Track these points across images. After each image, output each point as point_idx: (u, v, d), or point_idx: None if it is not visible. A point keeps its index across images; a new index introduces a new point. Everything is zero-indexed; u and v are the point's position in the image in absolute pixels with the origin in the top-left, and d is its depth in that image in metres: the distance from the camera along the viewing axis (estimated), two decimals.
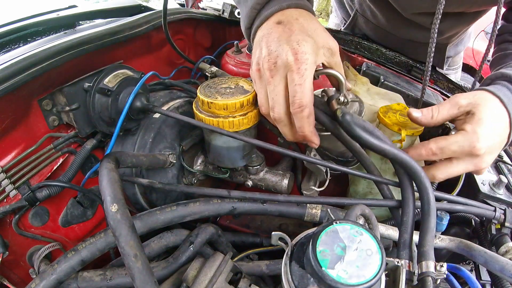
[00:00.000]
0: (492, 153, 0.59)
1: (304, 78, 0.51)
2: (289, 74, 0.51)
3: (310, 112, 0.53)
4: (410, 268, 0.48)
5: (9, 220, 0.62)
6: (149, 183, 0.66)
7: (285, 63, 0.51)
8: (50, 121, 0.68)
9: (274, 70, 0.52)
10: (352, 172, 0.62)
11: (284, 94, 0.53)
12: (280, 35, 0.52)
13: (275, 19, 0.55)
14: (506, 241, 0.65)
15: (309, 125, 0.54)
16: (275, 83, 0.53)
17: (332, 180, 1.05)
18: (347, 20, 1.26)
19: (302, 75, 0.50)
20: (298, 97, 0.51)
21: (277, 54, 0.51)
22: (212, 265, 0.59)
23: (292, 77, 0.51)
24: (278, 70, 0.52)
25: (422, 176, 0.55)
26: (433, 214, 0.53)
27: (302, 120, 0.53)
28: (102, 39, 0.71)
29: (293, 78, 0.51)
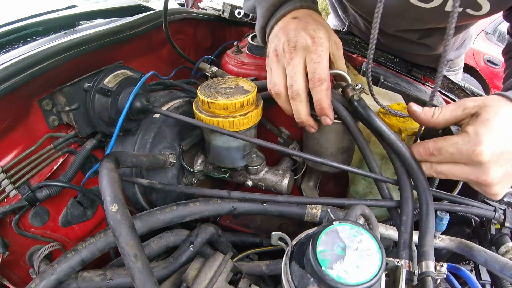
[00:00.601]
0: (503, 164, 0.50)
1: (322, 58, 0.57)
2: (308, 55, 0.57)
3: (328, 86, 0.58)
4: (410, 268, 0.48)
5: (9, 220, 0.62)
6: (149, 184, 0.66)
7: (304, 46, 0.57)
8: (50, 121, 0.68)
9: (294, 53, 0.58)
10: (351, 170, 0.62)
11: (303, 72, 0.58)
12: (297, 26, 0.59)
13: (291, 16, 0.63)
14: (506, 241, 0.65)
15: (327, 98, 0.58)
16: (294, 64, 0.58)
17: (332, 180, 1.06)
18: (343, 27, 1.27)
19: (320, 55, 0.57)
20: (318, 72, 0.57)
21: (296, 39, 0.58)
22: (212, 265, 0.59)
23: (311, 57, 0.57)
24: (298, 52, 0.58)
25: (421, 176, 0.55)
26: (432, 214, 0.53)
27: (321, 93, 0.58)
28: (102, 39, 0.71)
29: (312, 58, 0.57)
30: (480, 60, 3.70)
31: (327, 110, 0.59)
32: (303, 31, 0.58)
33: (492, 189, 0.52)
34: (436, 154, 0.53)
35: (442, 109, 0.55)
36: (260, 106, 0.68)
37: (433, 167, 0.55)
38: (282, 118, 0.88)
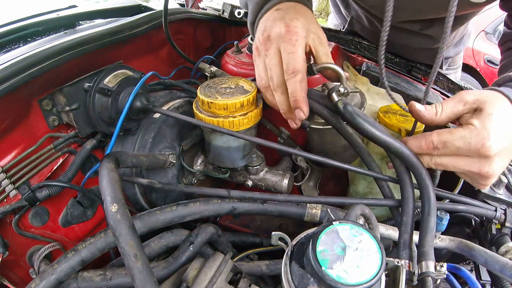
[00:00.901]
0: (502, 159, 0.52)
1: (296, 48, 0.55)
2: (282, 45, 0.56)
3: (303, 78, 0.55)
4: (410, 268, 0.48)
5: (9, 220, 0.62)
6: (149, 183, 0.66)
7: (278, 35, 0.56)
8: (50, 121, 0.68)
9: (269, 43, 0.57)
10: (351, 169, 0.62)
11: (280, 63, 0.57)
12: (276, 16, 0.59)
13: (275, 8, 0.62)
14: (506, 241, 0.65)
15: (301, 90, 0.56)
16: (270, 55, 0.57)
17: (332, 180, 1.06)
18: (344, 25, 1.26)
19: (294, 45, 0.55)
20: (291, 63, 0.55)
21: (271, 29, 0.57)
22: (212, 265, 0.59)
23: (284, 47, 0.55)
24: (272, 42, 0.57)
25: (424, 173, 0.55)
26: (434, 214, 0.53)
27: (295, 85, 0.55)
28: (102, 39, 0.71)
29: (285, 48, 0.55)
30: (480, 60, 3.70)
31: (300, 103, 0.57)
32: (279, 21, 0.57)
33: (488, 181, 0.53)
34: (440, 148, 0.53)
35: (443, 106, 0.55)
36: (260, 106, 0.68)
37: (433, 160, 0.55)
38: (282, 118, 0.88)
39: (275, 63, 0.57)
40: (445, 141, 0.52)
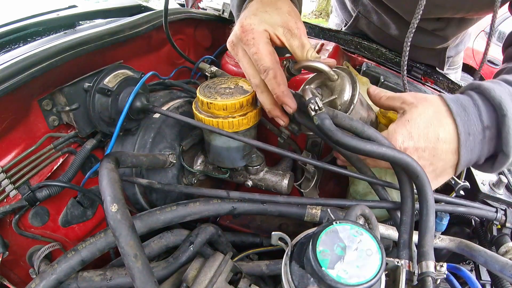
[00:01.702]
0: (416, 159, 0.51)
1: (256, 46, 0.53)
2: (244, 48, 0.55)
3: (275, 73, 0.53)
4: (410, 268, 0.48)
5: (9, 220, 0.62)
6: (149, 183, 0.66)
7: (237, 38, 0.55)
8: (50, 121, 0.68)
9: (235, 48, 0.57)
10: (349, 174, 0.62)
11: (250, 64, 0.56)
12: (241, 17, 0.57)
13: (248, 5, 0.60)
14: (506, 241, 0.65)
15: (278, 85, 0.54)
16: (240, 59, 0.57)
17: (332, 180, 1.06)
18: (348, 21, 1.26)
19: (253, 44, 0.53)
20: (260, 63, 0.53)
21: (232, 33, 0.57)
22: (212, 265, 0.59)
23: (247, 49, 0.54)
24: (236, 46, 0.57)
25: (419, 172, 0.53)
26: (432, 213, 0.53)
27: (271, 82, 0.54)
28: (102, 39, 0.71)
29: (248, 51, 0.54)
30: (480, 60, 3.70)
31: (283, 98, 0.55)
32: (238, 23, 0.55)
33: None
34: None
35: (388, 95, 0.58)
36: (260, 106, 0.68)
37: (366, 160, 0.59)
38: None
39: (247, 66, 0.57)
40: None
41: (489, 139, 0.51)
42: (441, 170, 0.55)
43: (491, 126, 0.50)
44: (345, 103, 0.59)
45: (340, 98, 0.59)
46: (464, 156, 0.52)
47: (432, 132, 0.52)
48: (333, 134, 0.51)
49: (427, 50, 1.07)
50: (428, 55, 1.07)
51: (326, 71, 0.57)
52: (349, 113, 0.58)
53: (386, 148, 0.51)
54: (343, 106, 0.59)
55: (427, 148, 0.52)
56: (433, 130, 0.52)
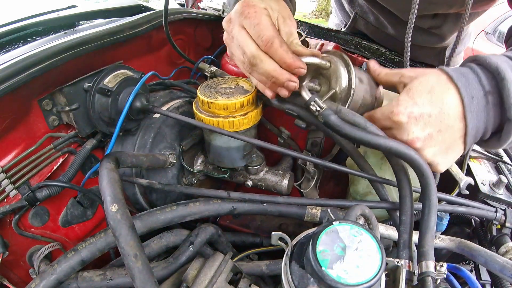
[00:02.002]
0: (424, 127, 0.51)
1: (259, 18, 0.53)
2: (244, 22, 0.54)
3: (281, 41, 0.53)
4: (410, 268, 0.48)
5: (9, 220, 0.62)
6: (149, 184, 0.66)
7: (237, 13, 0.55)
8: (50, 121, 0.68)
9: (231, 24, 0.56)
10: (350, 172, 0.62)
11: (248, 36, 0.55)
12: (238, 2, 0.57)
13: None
14: (506, 241, 0.65)
15: (286, 53, 0.53)
16: (236, 34, 0.56)
17: (332, 180, 1.06)
18: (347, 22, 1.26)
19: (253, 17, 0.53)
20: (262, 34, 0.53)
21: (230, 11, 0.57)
22: (212, 265, 0.59)
23: (247, 22, 0.54)
24: (234, 21, 0.56)
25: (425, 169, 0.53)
26: (434, 213, 0.52)
27: (278, 52, 0.53)
28: (102, 39, 0.71)
29: (249, 23, 0.54)
30: None
31: (295, 62, 0.53)
32: (237, 4, 0.56)
33: (423, 154, 0.52)
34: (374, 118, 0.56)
35: (387, 71, 0.58)
36: (260, 106, 0.68)
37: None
38: (282, 118, 0.88)
39: (243, 37, 0.55)
40: (370, 115, 0.56)
41: (493, 105, 0.50)
42: (450, 141, 0.53)
43: (492, 92, 0.50)
44: (344, 90, 0.57)
45: (338, 86, 0.57)
46: (471, 122, 0.50)
47: (435, 97, 0.51)
48: (340, 128, 0.52)
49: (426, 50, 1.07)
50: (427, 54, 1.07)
51: (317, 63, 0.57)
52: (352, 97, 0.57)
53: (394, 143, 0.51)
54: (343, 92, 0.57)
55: (433, 113, 0.51)
56: (436, 96, 0.51)
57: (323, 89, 0.61)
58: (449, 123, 0.51)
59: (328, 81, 0.60)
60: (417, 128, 0.51)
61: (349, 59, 0.58)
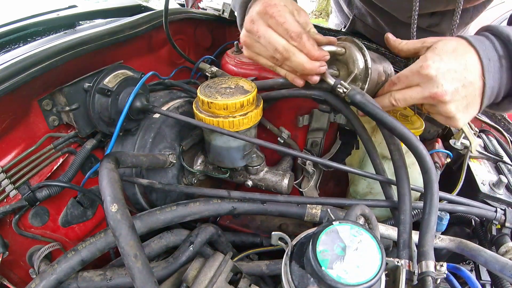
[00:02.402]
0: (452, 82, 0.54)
1: (284, 15, 0.57)
2: (269, 21, 0.58)
3: (308, 36, 0.57)
4: (410, 268, 0.48)
5: (9, 220, 0.62)
6: (149, 184, 0.66)
7: (259, 13, 0.58)
8: (50, 121, 0.68)
9: (255, 25, 0.59)
10: (350, 170, 0.62)
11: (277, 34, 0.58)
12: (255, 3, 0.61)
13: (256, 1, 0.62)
14: (506, 241, 0.65)
15: (313, 46, 0.58)
16: (263, 32, 0.58)
17: (332, 180, 1.06)
18: (346, 23, 1.26)
19: (279, 15, 0.57)
20: (290, 30, 0.56)
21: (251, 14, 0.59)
22: (212, 265, 0.59)
23: (273, 21, 0.57)
24: (257, 22, 0.58)
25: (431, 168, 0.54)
26: (435, 212, 0.52)
27: (306, 45, 0.57)
28: (102, 39, 0.71)
29: (275, 22, 0.57)
30: None
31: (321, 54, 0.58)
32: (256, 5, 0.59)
33: (448, 107, 0.55)
34: (396, 82, 0.60)
35: (408, 42, 0.63)
36: (260, 106, 0.68)
37: (393, 95, 0.60)
38: (282, 118, 0.88)
39: (272, 35, 0.58)
40: (398, 76, 0.60)
41: (506, 69, 0.55)
42: (471, 98, 0.56)
43: (505, 56, 0.55)
44: (363, 70, 0.63)
45: (357, 68, 0.63)
46: (488, 81, 0.55)
47: (459, 56, 0.55)
48: (366, 105, 0.58)
49: None
50: None
51: (333, 50, 0.62)
52: (370, 76, 0.62)
53: (407, 131, 0.55)
54: (362, 73, 0.63)
55: (458, 69, 0.54)
56: (459, 55, 0.55)
57: (342, 73, 0.66)
58: (471, 80, 0.55)
59: (345, 66, 0.65)
60: (445, 81, 0.54)
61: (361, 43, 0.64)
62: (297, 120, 0.87)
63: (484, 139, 0.96)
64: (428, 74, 0.55)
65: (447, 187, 0.73)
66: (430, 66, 0.54)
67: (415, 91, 0.58)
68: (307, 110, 0.86)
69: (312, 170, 0.90)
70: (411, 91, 0.58)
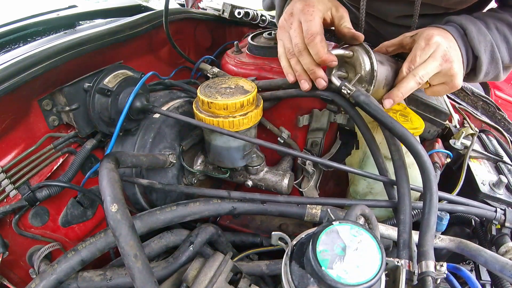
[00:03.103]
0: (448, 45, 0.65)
1: (313, 16, 0.63)
2: (301, 17, 0.65)
3: (322, 39, 0.62)
4: (410, 268, 0.48)
5: (9, 220, 0.62)
6: (149, 184, 0.66)
7: (298, 10, 0.66)
8: (50, 121, 0.68)
9: (292, 18, 0.67)
10: (350, 170, 0.62)
11: (302, 32, 0.65)
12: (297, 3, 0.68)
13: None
14: (506, 241, 0.65)
15: (323, 48, 0.62)
16: (294, 27, 0.66)
17: (332, 180, 1.06)
18: None
19: (310, 14, 0.64)
20: (309, 29, 0.63)
21: (292, 8, 0.67)
22: (212, 265, 0.59)
23: (303, 18, 0.64)
24: (294, 16, 0.66)
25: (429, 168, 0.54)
26: (434, 212, 0.52)
27: (316, 46, 0.62)
28: (102, 39, 0.71)
29: (304, 19, 0.64)
30: None
31: (328, 56, 0.63)
32: (298, 2, 0.67)
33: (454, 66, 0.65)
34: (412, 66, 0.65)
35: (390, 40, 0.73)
36: (260, 106, 0.68)
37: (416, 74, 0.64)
38: (282, 118, 0.88)
39: (298, 32, 0.65)
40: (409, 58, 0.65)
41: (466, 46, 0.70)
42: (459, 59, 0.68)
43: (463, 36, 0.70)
44: (368, 73, 0.66)
45: (363, 71, 0.66)
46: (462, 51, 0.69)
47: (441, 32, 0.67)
48: (369, 106, 0.60)
49: None
50: None
51: (342, 54, 0.66)
52: (375, 78, 0.65)
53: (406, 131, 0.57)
54: (368, 75, 0.66)
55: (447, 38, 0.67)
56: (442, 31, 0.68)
57: (350, 75, 0.69)
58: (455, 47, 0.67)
59: (353, 68, 0.68)
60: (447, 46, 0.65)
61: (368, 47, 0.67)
62: (297, 120, 0.87)
63: (484, 139, 0.96)
64: (437, 41, 0.64)
65: (447, 187, 0.73)
66: (433, 34, 0.64)
67: (429, 63, 0.64)
68: (307, 110, 0.86)
69: (312, 170, 0.90)
70: (428, 64, 0.64)
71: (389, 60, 0.70)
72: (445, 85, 0.68)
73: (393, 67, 0.69)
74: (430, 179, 0.54)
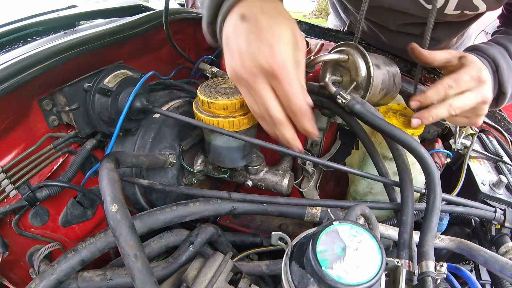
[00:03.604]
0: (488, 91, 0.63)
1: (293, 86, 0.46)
2: (272, 83, 0.47)
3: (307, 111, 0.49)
4: (410, 268, 0.48)
5: (9, 220, 0.62)
6: (150, 184, 0.66)
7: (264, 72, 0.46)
8: (50, 121, 0.68)
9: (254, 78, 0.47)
10: (349, 171, 0.62)
11: (276, 99, 0.48)
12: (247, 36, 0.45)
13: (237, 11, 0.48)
14: (506, 241, 0.65)
15: (313, 127, 0.51)
16: (261, 92, 0.47)
17: (332, 180, 1.06)
18: (344, 27, 1.27)
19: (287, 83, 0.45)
20: (294, 103, 0.47)
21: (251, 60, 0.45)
22: (212, 265, 0.59)
23: (278, 86, 0.46)
24: (258, 78, 0.46)
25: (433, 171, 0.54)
26: (436, 214, 0.53)
27: (306, 124, 0.49)
28: (102, 39, 0.71)
29: (281, 88, 0.46)
30: None
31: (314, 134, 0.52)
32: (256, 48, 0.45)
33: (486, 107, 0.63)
34: (453, 86, 0.61)
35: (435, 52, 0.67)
36: None
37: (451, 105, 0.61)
38: None
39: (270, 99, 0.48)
40: (456, 78, 0.61)
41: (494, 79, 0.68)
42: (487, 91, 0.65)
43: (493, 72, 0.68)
44: (364, 79, 0.63)
45: (359, 77, 0.63)
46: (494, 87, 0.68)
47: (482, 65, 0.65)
48: (365, 115, 0.59)
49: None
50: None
51: (336, 58, 0.63)
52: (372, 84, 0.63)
53: (408, 136, 0.57)
54: (364, 82, 0.63)
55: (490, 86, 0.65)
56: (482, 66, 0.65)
57: (345, 79, 0.66)
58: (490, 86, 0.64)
59: (348, 72, 0.65)
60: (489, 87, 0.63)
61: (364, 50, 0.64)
62: None
63: (484, 139, 0.96)
64: (485, 79, 0.61)
65: (447, 187, 0.73)
66: (483, 69, 0.61)
67: (470, 97, 0.61)
68: None
69: (312, 170, 0.90)
70: (465, 97, 0.61)
71: (386, 62, 0.69)
72: (466, 120, 0.66)
73: (390, 70, 0.68)
74: (435, 182, 0.54)
